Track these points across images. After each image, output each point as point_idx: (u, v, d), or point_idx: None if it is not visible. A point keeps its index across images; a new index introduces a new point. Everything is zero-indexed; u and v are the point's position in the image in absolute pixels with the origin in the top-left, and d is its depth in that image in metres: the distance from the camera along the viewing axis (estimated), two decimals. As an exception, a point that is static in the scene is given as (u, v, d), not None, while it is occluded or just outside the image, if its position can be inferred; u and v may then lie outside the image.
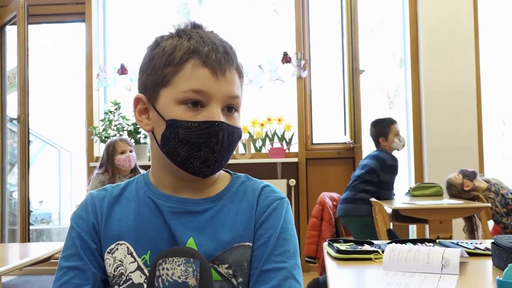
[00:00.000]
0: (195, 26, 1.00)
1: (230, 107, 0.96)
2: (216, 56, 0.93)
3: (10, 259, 2.83)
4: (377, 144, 3.92)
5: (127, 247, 0.96)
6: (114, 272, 0.96)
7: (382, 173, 3.75)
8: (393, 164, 3.79)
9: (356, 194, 3.71)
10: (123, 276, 0.95)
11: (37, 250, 2.99)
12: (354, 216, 3.68)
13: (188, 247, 0.93)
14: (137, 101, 1.00)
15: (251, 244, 0.96)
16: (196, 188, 1.00)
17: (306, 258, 3.79)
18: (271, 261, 0.94)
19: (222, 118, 0.93)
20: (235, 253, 0.95)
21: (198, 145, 0.92)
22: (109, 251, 0.97)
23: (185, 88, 0.92)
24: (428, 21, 4.55)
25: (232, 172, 1.07)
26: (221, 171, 1.04)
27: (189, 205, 0.98)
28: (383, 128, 3.88)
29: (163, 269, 0.87)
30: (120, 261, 0.96)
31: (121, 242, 0.97)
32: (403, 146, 3.90)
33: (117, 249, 0.97)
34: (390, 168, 3.78)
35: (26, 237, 4.46)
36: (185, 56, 0.93)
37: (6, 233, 4.88)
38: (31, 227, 5.22)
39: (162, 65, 0.94)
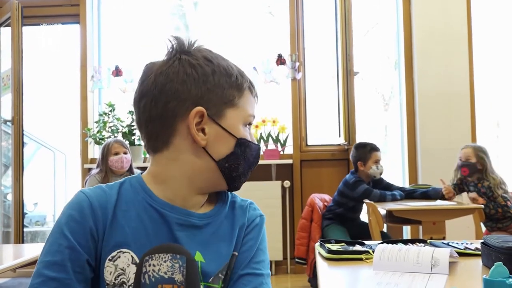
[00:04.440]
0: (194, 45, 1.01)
1: None
2: (254, 85, 1.05)
3: (3, 259, 2.82)
4: (355, 167, 3.93)
5: (132, 256, 0.92)
6: (115, 280, 0.92)
7: (348, 190, 3.79)
8: (356, 180, 3.81)
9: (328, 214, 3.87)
10: (124, 285, 0.92)
11: (31, 251, 2.98)
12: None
13: (175, 244, 0.93)
14: (198, 113, 0.95)
15: (237, 253, 1.02)
16: (199, 202, 1.02)
17: (297, 259, 3.80)
18: (250, 267, 1.01)
19: None
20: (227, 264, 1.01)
21: (251, 165, 1.03)
22: (110, 258, 0.92)
23: (249, 112, 1.01)
24: (422, 24, 4.57)
25: None
26: None
27: (193, 218, 0.98)
28: (364, 154, 3.88)
29: (149, 265, 0.87)
30: (122, 269, 0.92)
31: (123, 250, 0.93)
32: (381, 174, 3.90)
33: (119, 256, 0.92)
34: (353, 185, 3.79)
35: (20, 239, 4.46)
36: (242, 81, 1.01)
37: (0, 235, 4.87)
38: (25, 229, 5.21)
39: (227, 85, 0.98)
